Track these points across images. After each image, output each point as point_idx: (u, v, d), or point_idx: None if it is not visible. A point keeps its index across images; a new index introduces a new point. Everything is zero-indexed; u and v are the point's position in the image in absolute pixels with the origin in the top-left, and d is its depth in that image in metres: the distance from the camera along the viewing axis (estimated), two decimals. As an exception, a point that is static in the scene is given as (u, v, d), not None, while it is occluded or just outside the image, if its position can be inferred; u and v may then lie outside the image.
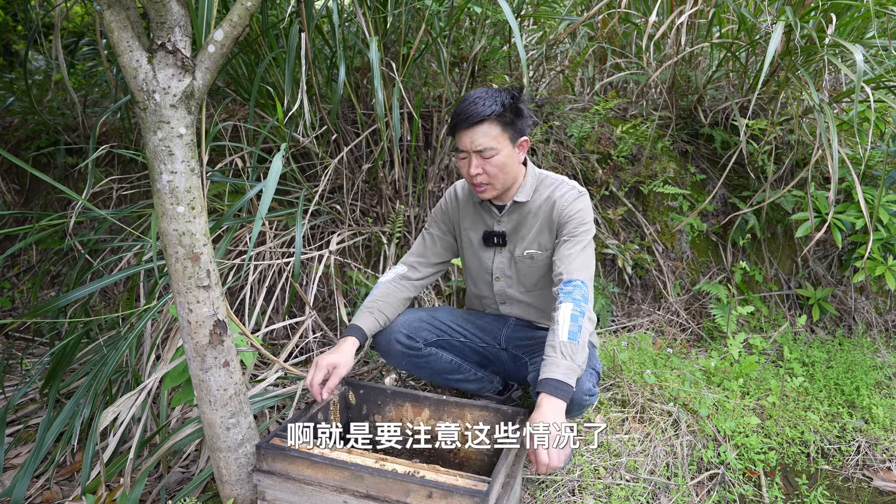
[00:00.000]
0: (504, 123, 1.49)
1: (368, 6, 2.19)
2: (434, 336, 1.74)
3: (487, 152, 1.49)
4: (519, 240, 1.66)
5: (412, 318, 1.73)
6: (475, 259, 1.75)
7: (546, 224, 1.61)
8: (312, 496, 1.27)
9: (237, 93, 2.48)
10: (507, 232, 1.66)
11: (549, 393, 1.29)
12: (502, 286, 1.74)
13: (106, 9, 1.09)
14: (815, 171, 2.59)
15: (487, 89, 1.50)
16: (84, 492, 1.58)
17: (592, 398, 1.54)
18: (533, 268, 1.67)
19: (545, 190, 1.62)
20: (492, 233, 1.68)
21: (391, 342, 1.69)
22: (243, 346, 1.65)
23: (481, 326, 1.81)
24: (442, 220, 1.79)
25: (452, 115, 1.51)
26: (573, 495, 1.61)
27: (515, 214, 1.65)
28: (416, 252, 1.79)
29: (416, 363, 1.74)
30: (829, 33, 2.21)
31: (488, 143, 1.48)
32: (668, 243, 2.73)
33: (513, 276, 1.72)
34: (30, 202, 3.17)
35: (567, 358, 1.33)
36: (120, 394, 1.88)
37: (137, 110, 1.14)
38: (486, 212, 1.69)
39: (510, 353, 1.78)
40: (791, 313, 2.75)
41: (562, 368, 1.32)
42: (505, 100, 1.48)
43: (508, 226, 1.66)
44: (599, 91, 2.99)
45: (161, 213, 1.19)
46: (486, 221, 1.70)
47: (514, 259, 1.68)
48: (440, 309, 1.85)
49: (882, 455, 1.89)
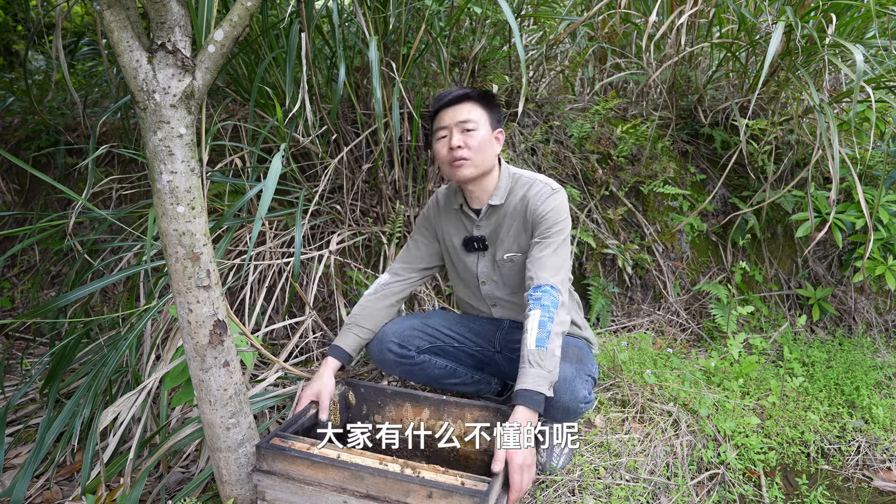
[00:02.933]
0: (484, 107, 1.56)
1: (368, 6, 2.19)
2: (427, 343, 1.74)
3: (470, 124, 1.52)
4: (499, 243, 1.65)
5: (404, 327, 1.72)
6: (461, 264, 1.75)
7: (522, 225, 1.61)
8: (312, 496, 1.27)
9: (237, 93, 2.48)
10: (487, 236, 1.66)
11: (521, 403, 1.32)
12: (490, 289, 1.74)
13: (106, 9, 1.09)
14: (815, 171, 2.59)
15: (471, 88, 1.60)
16: (84, 492, 1.58)
17: (588, 405, 1.53)
18: (514, 270, 1.66)
19: (519, 190, 1.61)
20: (472, 238, 1.68)
21: (383, 351, 1.69)
22: (243, 346, 1.65)
23: (475, 330, 1.80)
24: (425, 226, 1.79)
25: (435, 100, 1.58)
26: (573, 495, 1.61)
27: (493, 218, 1.64)
28: (402, 258, 1.80)
29: (410, 370, 1.74)
30: (829, 33, 2.21)
31: (472, 117, 1.53)
32: (668, 243, 2.73)
33: (498, 279, 1.71)
34: (30, 202, 3.17)
35: (535, 366, 1.35)
36: (120, 394, 1.88)
37: (137, 110, 1.14)
38: (464, 217, 1.69)
39: (505, 356, 1.78)
40: (791, 313, 2.75)
41: (530, 377, 1.34)
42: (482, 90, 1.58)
43: (487, 230, 1.66)
44: (599, 91, 2.99)
45: (161, 213, 1.19)
46: (465, 227, 1.70)
47: (497, 263, 1.68)
48: (433, 314, 1.85)
49: (882, 455, 1.89)
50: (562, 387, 1.46)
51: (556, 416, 1.51)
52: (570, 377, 1.47)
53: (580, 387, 1.48)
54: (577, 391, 1.47)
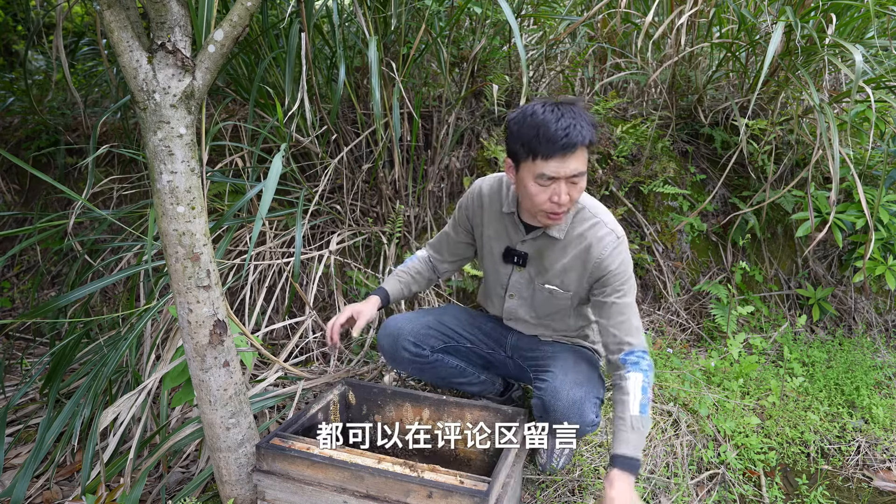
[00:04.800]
0: (591, 147, 1.37)
1: (368, 6, 2.19)
2: (441, 343, 1.73)
3: (577, 178, 1.35)
4: (542, 269, 1.56)
5: (420, 325, 1.71)
6: (493, 269, 1.67)
7: (577, 266, 1.50)
8: (312, 496, 1.27)
9: (237, 93, 2.48)
10: (530, 255, 1.56)
11: (622, 469, 1.29)
12: (514, 305, 1.67)
13: (106, 9, 1.09)
14: (815, 171, 2.59)
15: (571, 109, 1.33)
16: (84, 492, 1.58)
17: (593, 427, 1.53)
18: (551, 301, 1.60)
19: (579, 225, 1.49)
20: (513, 251, 1.57)
21: (398, 349, 1.68)
22: (243, 346, 1.65)
23: (487, 332, 1.79)
24: (462, 224, 1.70)
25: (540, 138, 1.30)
26: (573, 495, 1.61)
27: (542, 240, 1.53)
28: (435, 247, 1.80)
29: (422, 369, 1.73)
30: (829, 33, 2.21)
31: (581, 168, 1.34)
32: (668, 243, 2.73)
33: (528, 298, 1.63)
34: (30, 202, 3.17)
35: (637, 432, 1.33)
36: (120, 394, 1.88)
37: (137, 110, 1.14)
38: (511, 226, 1.57)
39: (515, 363, 1.77)
40: (791, 313, 2.75)
41: (632, 444, 1.32)
42: (593, 121, 1.36)
43: (532, 249, 1.55)
44: (599, 91, 2.99)
45: (161, 213, 1.19)
46: (510, 236, 1.58)
47: (534, 286, 1.60)
48: (447, 311, 1.82)
49: (882, 455, 1.89)
50: (570, 410, 1.46)
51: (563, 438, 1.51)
52: (580, 401, 1.47)
53: (588, 411, 1.48)
54: (585, 415, 1.47)
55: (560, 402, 1.47)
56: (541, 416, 1.54)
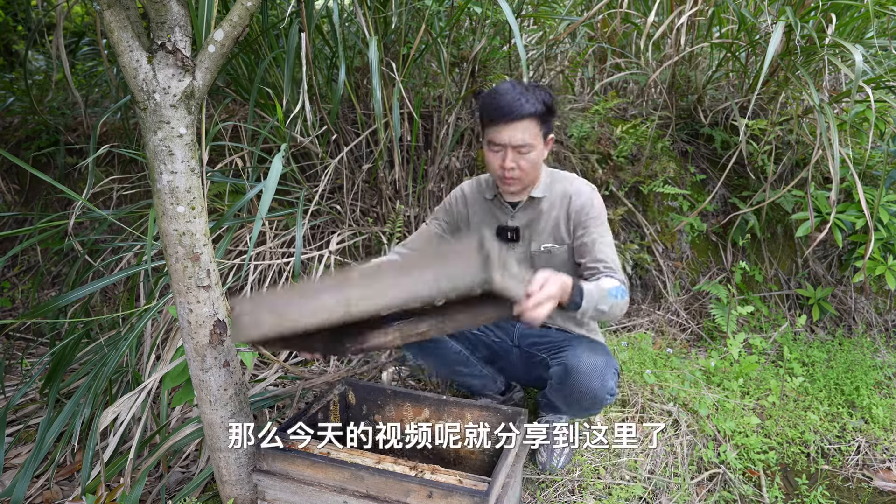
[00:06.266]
0: (540, 122, 1.49)
1: (368, 6, 2.19)
2: None
3: (525, 148, 1.48)
4: (536, 233, 1.64)
5: None
6: None
7: (563, 218, 1.61)
8: (312, 496, 1.27)
9: (237, 93, 2.49)
10: (521, 227, 1.65)
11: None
12: None
13: (106, 9, 1.09)
14: (815, 171, 2.59)
15: (525, 85, 1.48)
16: (84, 492, 1.58)
17: (612, 397, 1.58)
18: (550, 262, 1.64)
19: (558, 185, 1.62)
20: (505, 227, 1.66)
21: None
22: (243, 346, 1.65)
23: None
24: (445, 218, 1.76)
25: (489, 106, 1.47)
26: (573, 495, 1.61)
27: (529, 210, 1.63)
28: (413, 244, 1.78)
29: (426, 347, 1.73)
30: (829, 33, 2.21)
31: (528, 140, 1.47)
32: (668, 243, 2.73)
33: None
34: (30, 202, 3.17)
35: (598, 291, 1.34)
36: (120, 394, 1.88)
37: (137, 110, 1.15)
38: (497, 208, 1.67)
39: (523, 351, 1.77)
40: (791, 313, 2.75)
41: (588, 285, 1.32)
42: (546, 99, 1.48)
43: (523, 220, 1.65)
44: (599, 91, 2.99)
45: (161, 213, 1.19)
46: (498, 217, 1.68)
47: (531, 254, 1.66)
48: None
49: (882, 455, 1.89)
50: (593, 374, 1.50)
51: (582, 404, 1.56)
52: (602, 366, 1.52)
53: (609, 377, 1.53)
54: (606, 380, 1.52)
55: (583, 363, 1.52)
56: (560, 385, 1.58)
